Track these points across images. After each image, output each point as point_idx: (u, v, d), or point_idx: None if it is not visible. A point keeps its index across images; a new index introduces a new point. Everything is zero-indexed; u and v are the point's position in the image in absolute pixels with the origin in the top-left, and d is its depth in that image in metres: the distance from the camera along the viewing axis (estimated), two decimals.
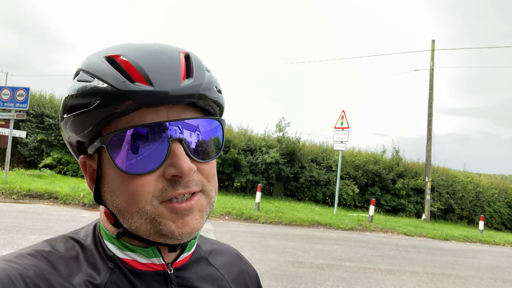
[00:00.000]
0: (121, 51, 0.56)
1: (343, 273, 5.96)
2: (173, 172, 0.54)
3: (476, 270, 7.39)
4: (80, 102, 0.55)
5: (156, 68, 0.54)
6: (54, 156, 14.62)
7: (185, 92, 0.54)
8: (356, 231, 10.81)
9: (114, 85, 0.52)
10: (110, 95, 0.52)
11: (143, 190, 0.54)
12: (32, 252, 0.55)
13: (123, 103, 0.52)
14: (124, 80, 0.53)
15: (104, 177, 0.58)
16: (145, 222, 0.55)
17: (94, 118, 0.54)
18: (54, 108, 15.31)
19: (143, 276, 0.61)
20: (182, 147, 0.55)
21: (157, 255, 0.61)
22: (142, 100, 0.52)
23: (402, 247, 9.01)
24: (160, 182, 0.55)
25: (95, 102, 0.53)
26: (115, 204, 0.57)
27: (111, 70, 0.54)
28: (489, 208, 19.54)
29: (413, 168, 19.20)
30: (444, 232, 12.58)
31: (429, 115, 17.28)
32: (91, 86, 0.54)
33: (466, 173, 21.57)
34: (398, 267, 6.80)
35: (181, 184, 0.55)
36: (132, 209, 0.55)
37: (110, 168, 0.56)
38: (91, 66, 0.56)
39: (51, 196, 9.81)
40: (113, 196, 0.57)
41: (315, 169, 17.46)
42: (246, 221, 10.06)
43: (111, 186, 0.57)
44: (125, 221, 0.57)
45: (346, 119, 13.18)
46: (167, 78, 0.54)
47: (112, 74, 0.53)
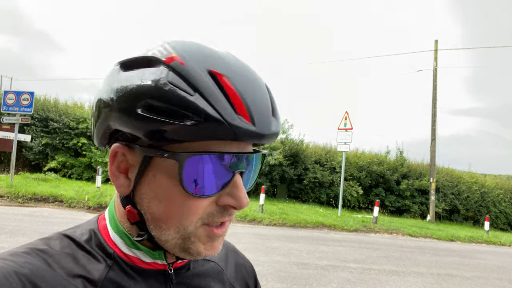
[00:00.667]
0: (222, 69, 0.52)
1: (348, 275, 5.95)
2: (230, 203, 0.54)
3: (482, 271, 7.34)
4: (170, 110, 0.49)
5: (255, 104, 0.53)
6: (58, 159, 14.69)
7: (273, 135, 0.55)
8: (361, 233, 10.77)
9: (223, 114, 0.49)
10: (214, 122, 0.49)
11: (195, 212, 0.54)
12: (27, 250, 0.54)
13: (220, 133, 0.50)
14: (231, 110, 0.50)
15: (147, 182, 0.55)
16: (179, 237, 0.56)
17: (178, 134, 0.50)
18: (58, 112, 15.41)
19: (143, 274, 0.60)
20: (241, 179, 0.56)
21: (162, 258, 0.61)
22: (242, 136, 0.51)
23: (407, 248, 8.98)
24: (211, 207, 0.55)
25: (192, 121, 0.49)
26: (152, 211, 0.55)
27: (218, 93, 0.51)
28: (495, 209, 19.42)
29: (418, 169, 19.12)
30: (450, 233, 12.51)
31: (433, 116, 17.22)
32: (194, 102, 0.49)
33: (471, 173, 21.44)
34: (403, 268, 6.78)
35: (228, 212, 0.56)
36: (173, 223, 0.55)
37: (164, 178, 0.54)
38: (192, 75, 0.51)
39: (56, 199, 9.86)
40: (153, 203, 0.55)
41: (319, 170, 17.42)
42: (250, 223, 10.06)
43: (155, 193, 0.55)
44: (156, 230, 0.56)
45: (350, 120, 13.16)
46: (265, 119, 0.53)
47: (219, 99, 0.50)
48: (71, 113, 15.59)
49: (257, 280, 0.84)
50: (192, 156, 0.51)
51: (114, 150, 0.56)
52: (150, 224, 0.56)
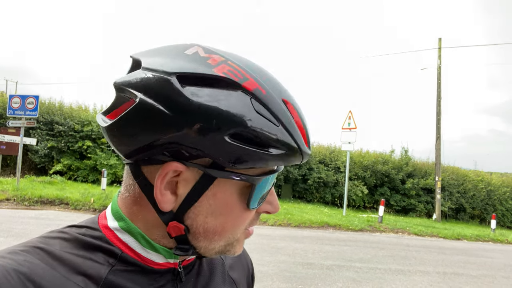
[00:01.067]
0: (287, 96, 0.56)
1: (353, 274, 5.93)
2: (269, 209, 0.61)
3: (488, 269, 7.29)
4: (258, 141, 0.51)
5: (308, 130, 0.58)
6: (64, 162, 14.80)
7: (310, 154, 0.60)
8: (366, 232, 10.74)
9: (300, 146, 0.54)
10: (293, 152, 0.54)
11: (246, 221, 0.59)
12: (26, 248, 0.53)
13: (296, 160, 0.55)
14: (303, 141, 0.55)
15: (208, 198, 0.55)
16: (224, 245, 0.59)
17: (262, 161, 0.52)
18: (63, 115, 15.53)
19: (150, 273, 0.59)
20: None
21: (176, 257, 0.61)
22: (303, 160, 0.57)
23: (413, 247, 8.93)
24: (253, 214, 0.60)
25: (278, 150, 0.52)
26: (207, 226, 0.56)
27: (294, 125, 0.55)
28: (501, 207, 19.29)
29: (423, 167, 19.05)
30: (456, 231, 12.43)
31: (438, 114, 17.14)
32: (279, 134, 0.52)
33: (476, 171, 21.32)
34: (409, 267, 6.75)
35: (260, 216, 0.62)
36: (226, 234, 0.58)
37: (226, 194, 0.55)
38: (274, 106, 0.53)
39: (62, 202, 9.93)
40: (211, 218, 0.56)
41: (323, 170, 17.41)
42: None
43: (216, 209, 0.56)
44: (206, 241, 0.58)
45: (354, 119, 13.14)
46: (309, 141, 0.58)
47: (296, 130, 0.55)
48: (76, 116, 15.71)
49: (253, 270, 0.86)
50: (264, 178, 0.55)
51: (169, 168, 0.53)
52: (199, 237, 0.57)
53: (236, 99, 0.51)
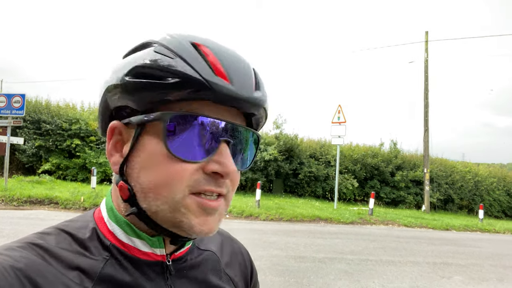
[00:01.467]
0: (204, 42, 0.57)
1: (345, 266, 6.00)
2: (216, 169, 0.55)
3: (477, 258, 7.45)
4: (154, 73, 0.54)
5: (237, 70, 0.56)
6: (52, 161, 14.61)
7: (255, 102, 0.57)
8: (357, 225, 10.86)
9: (199, 72, 0.53)
10: (192, 79, 0.53)
11: (181, 177, 0.54)
12: (22, 244, 0.54)
13: (200, 91, 0.53)
14: (209, 70, 0.54)
15: (139, 151, 0.57)
16: (168, 209, 0.55)
17: (163, 93, 0.54)
18: (50, 114, 15.29)
19: (140, 265, 0.60)
20: (229, 149, 0.57)
21: (161, 246, 0.62)
22: (219, 95, 0.54)
23: (403, 239, 9.07)
24: (197, 174, 0.55)
25: (173, 80, 0.53)
26: (140, 181, 0.56)
27: (197, 57, 0.55)
28: (489, 197, 19.66)
29: (412, 160, 19.28)
30: (444, 222, 12.65)
31: (425, 106, 17.34)
32: (173, 63, 0.54)
33: (464, 163, 21.66)
34: (400, 258, 6.85)
35: (216, 182, 0.56)
36: (160, 192, 0.55)
37: (152, 144, 0.56)
38: (175, 44, 0.56)
39: (52, 201, 9.82)
40: (142, 172, 0.56)
41: (314, 164, 17.50)
42: (247, 219, 10.09)
43: (144, 162, 0.56)
44: (146, 201, 0.56)
45: (343, 113, 13.22)
46: (245, 83, 0.56)
47: (199, 60, 0.54)
48: (63, 115, 15.49)
49: (253, 267, 0.85)
50: (176, 115, 0.54)
51: (111, 127, 0.60)
52: (140, 197, 0.57)
53: (142, 51, 0.58)
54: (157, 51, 0.55)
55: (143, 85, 0.54)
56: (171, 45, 0.56)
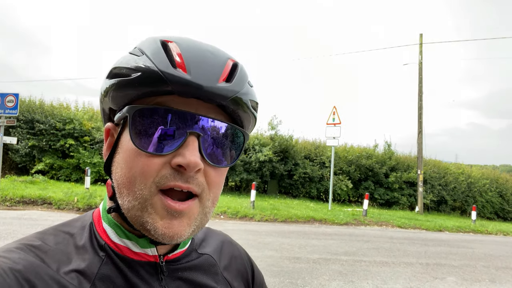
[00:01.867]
0: (176, 39, 0.59)
1: (339, 267, 6.03)
2: (179, 161, 0.54)
3: (469, 259, 7.51)
4: (122, 72, 0.57)
5: (199, 62, 0.56)
6: (46, 161, 14.50)
7: (218, 92, 0.55)
8: (351, 226, 10.90)
9: (156, 64, 0.54)
10: (150, 72, 0.54)
11: (148, 171, 0.54)
12: (21, 246, 0.55)
13: (159, 84, 0.54)
14: (167, 63, 0.55)
15: (118, 148, 0.59)
16: (137, 206, 0.55)
17: (129, 89, 0.56)
18: (44, 113, 15.18)
19: (134, 266, 0.60)
20: (198, 142, 0.55)
21: (152, 246, 0.62)
22: (176, 85, 0.53)
23: (396, 240, 9.12)
24: (165, 169, 0.55)
25: (135, 74, 0.55)
26: (116, 177, 0.58)
27: (159, 51, 0.56)
28: (481, 198, 19.83)
29: (405, 161, 19.40)
30: (438, 223, 12.74)
31: (419, 109, 17.45)
32: (137, 59, 0.57)
33: (457, 164, 21.84)
34: (393, 259, 6.89)
35: (183, 177, 0.55)
36: (131, 187, 0.55)
37: (126, 140, 0.57)
38: (145, 44, 0.59)
39: (45, 201, 9.74)
40: (118, 169, 0.58)
41: (309, 165, 17.54)
42: (242, 220, 10.09)
43: (121, 158, 0.58)
44: (121, 197, 0.57)
45: (338, 115, 13.26)
46: (206, 74, 0.55)
47: (158, 55, 0.56)
48: (57, 114, 15.37)
49: (254, 270, 0.83)
50: (141, 109, 0.55)
51: (106, 129, 0.64)
52: (117, 192, 0.58)
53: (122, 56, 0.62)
54: (131, 52, 0.60)
55: (115, 83, 0.58)
56: (142, 45, 0.59)
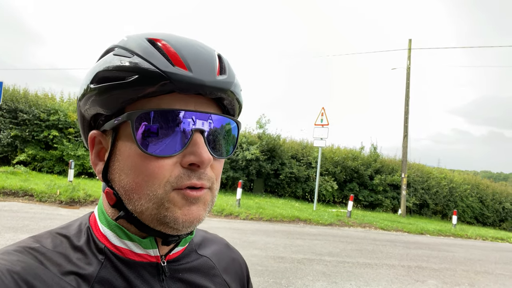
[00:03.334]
0: (162, 37, 0.58)
1: (323, 267, 6.07)
2: (192, 160, 0.55)
3: (449, 263, 7.66)
4: (114, 75, 0.55)
5: (195, 58, 0.56)
6: (28, 152, 14.18)
7: (219, 85, 0.57)
8: (335, 226, 10.99)
9: (156, 65, 0.53)
10: (150, 73, 0.53)
11: (159, 174, 0.54)
12: (19, 248, 0.54)
13: (159, 84, 0.53)
14: (165, 61, 0.54)
15: (117, 155, 0.58)
16: (152, 206, 0.55)
17: (125, 93, 0.54)
18: (28, 103, 14.84)
19: (135, 267, 0.60)
20: (203, 138, 0.56)
21: (154, 247, 0.62)
22: (179, 84, 0.54)
23: (379, 241, 9.23)
24: (177, 169, 0.55)
25: (132, 77, 0.53)
26: (122, 184, 0.57)
27: (153, 50, 0.55)
28: (462, 203, 20.25)
29: (390, 164, 19.66)
30: (419, 226, 12.95)
31: (406, 113, 17.69)
32: (130, 61, 0.54)
33: (440, 169, 22.25)
34: (376, 261, 6.98)
35: (196, 174, 0.56)
36: (142, 191, 0.55)
37: (127, 146, 0.56)
38: (131, 44, 0.57)
39: (26, 193, 9.53)
40: (122, 175, 0.57)
41: (295, 165, 17.62)
42: (227, 218, 10.07)
43: (122, 164, 0.57)
44: (131, 203, 0.57)
45: (326, 116, 13.34)
46: (205, 69, 0.56)
47: (154, 54, 0.55)
48: (41, 105, 15.04)
49: (249, 276, 0.86)
50: (143, 113, 0.54)
51: (91, 137, 0.62)
52: (125, 199, 0.58)
53: (104, 57, 0.59)
54: (116, 54, 0.57)
55: (106, 88, 0.55)
56: (128, 45, 0.57)
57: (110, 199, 0.60)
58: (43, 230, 0.64)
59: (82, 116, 0.63)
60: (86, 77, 0.59)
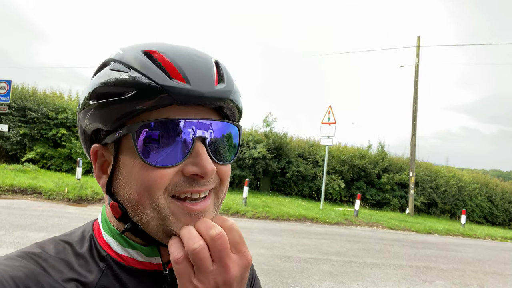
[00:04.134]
0: (158, 48, 0.57)
1: (330, 267, 6.04)
2: (194, 171, 0.55)
3: (458, 263, 7.57)
4: (112, 91, 0.55)
5: (193, 69, 0.56)
6: (37, 150, 14.33)
7: (218, 95, 0.57)
8: (342, 225, 10.94)
9: (153, 78, 0.53)
10: (148, 88, 0.53)
11: (161, 183, 0.55)
12: (22, 254, 0.55)
13: (158, 97, 0.53)
14: (163, 75, 0.54)
15: (119, 168, 0.58)
16: (157, 217, 0.56)
17: (124, 108, 0.54)
18: (36, 102, 14.98)
19: (137, 275, 0.61)
20: (205, 147, 0.57)
21: (156, 255, 0.62)
22: (178, 96, 0.53)
23: (387, 241, 9.17)
24: (177, 177, 0.56)
25: (130, 93, 0.53)
26: (127, 196, 0.57)
27: (149, 64, 0.55)
28: (471, 202, 20.03)
29: (398, 163, 19.51)
30: (427, 226, 12.84)
31: (414, 111, 17.53)
32: (127, 76, 0.54)
33: (448, 168, 22.05)
34: (384, 261, 6.93)
35: (199, 183, 0.57)
36: (145, 201, 0.55)
37: (129, 158, 0.56)
38: (127, 58, 0.57)
39: (35, 191, 9.63)
40: (126, 187, 0.57)
41: (302, 164, 17.57)
42: (233, 216, 10.07)
43: (126, 177, 0.57)
44: (136, 214, 0.57)
45: (333, 114, 13.27)
46: (203, 79, 0.56)
47: (151, 68, 0.54)
48: (50, 103, 15.18)
49: (254, 276, 0.84)
50: (143, 125, 0.54)
51: (93, 151, 0.62)
52: (130, 211, 0.58)
53: (100, 72, 0.59)
54: (113, 69, 0.57)
55: (104, 104, 0.55)
56: (124, 59, 0.57)
57: (116, 212, 0.60)
58: (51, 228, 0.65)
59: (83, 131, 0.63)
60: (84, 93, 0.59)
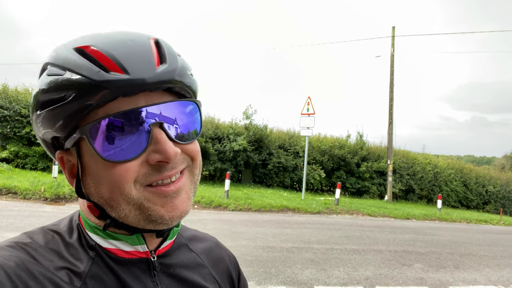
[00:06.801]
0: (90, 42, 0.55)
1: (312, 255, 6.14)
2: (158, 158, 0.54)
3: (435, 246, 7.83)
4: (53, 97, 0.53)
5: (129, 56, 0.53)
6: (10, 149, 13.89)
7: (161, 78, 0.54)
8: (324, 214, 11.11)
9: (89, 76, 0.51)
10: (86, 86, 0.51)
11: (126, 177, 0.54)
12: (11, 244, 0.55)
13: (100, 94, 0.51)
14: (98, 70, 0.52)
15: (86, 170, 0.57)
16: (133, 208, 0.56)
17: (70, 112, 0.53)
18: (8, 99, 14.47)
19: (125, 264, 0.61)
20: (164, 131, 0.55)
21: (142, 242, 0.62)
22: (119, 89, 0.51)
23: (366, 228, 9.38)
24: (144, 168, 0.55)
25: (71, 95, 0.52)
26: (100, 195, 0.57)
27: (83, 61, 0.52)
28: (446, 188, 20.67)
29: (376, 151, 19.89)
30: (405, 211, 13.19)
31: (390, 100, 17.86)
32: (64, 79, 0.52)
33: (425, 155, 22.63)
34: (364, 247, 7.09)
35: (167, 168, 0.56)
36: (117, 197, 0.55)
37: (92, 159, 0.55)
38: (60, 59, 0.55)
39: (10, 191, 9.34)
40: (98, 187, 0.56)
41: (283, 155, 17.67)
42: (216, 209, 10.07)
43: (94, 177, 0.56)
44: (113, 210, 0.57)
45: (312, 105, 13.37)
46: (142, 65, 0.53)
47: (85, 65, 0.52)
48: (22, 100, 14.69)
49: (240, 271, 0.87)
50: (94, 125, 0.53)
51: (58, 158, 0.62)
52: (107, 208, 0.58)
53: (40, 78, 0.57)
54: (49, 74, 0.54)
55: (50, 112, 0.54)
56: (58, 61, 0.55)
57: (93, 211, 0.60)
58: (28, 228, 0.65)
59: (42, 140, 0.62)
60: (30, 101, 0.58)
